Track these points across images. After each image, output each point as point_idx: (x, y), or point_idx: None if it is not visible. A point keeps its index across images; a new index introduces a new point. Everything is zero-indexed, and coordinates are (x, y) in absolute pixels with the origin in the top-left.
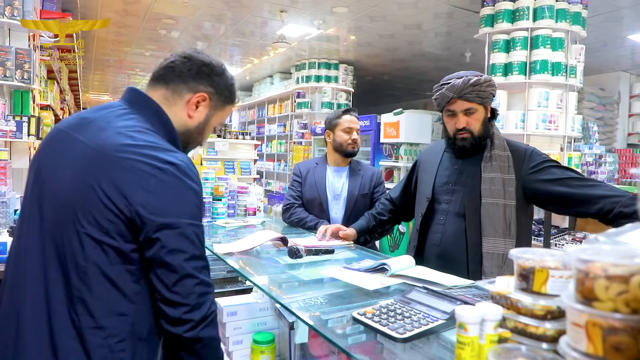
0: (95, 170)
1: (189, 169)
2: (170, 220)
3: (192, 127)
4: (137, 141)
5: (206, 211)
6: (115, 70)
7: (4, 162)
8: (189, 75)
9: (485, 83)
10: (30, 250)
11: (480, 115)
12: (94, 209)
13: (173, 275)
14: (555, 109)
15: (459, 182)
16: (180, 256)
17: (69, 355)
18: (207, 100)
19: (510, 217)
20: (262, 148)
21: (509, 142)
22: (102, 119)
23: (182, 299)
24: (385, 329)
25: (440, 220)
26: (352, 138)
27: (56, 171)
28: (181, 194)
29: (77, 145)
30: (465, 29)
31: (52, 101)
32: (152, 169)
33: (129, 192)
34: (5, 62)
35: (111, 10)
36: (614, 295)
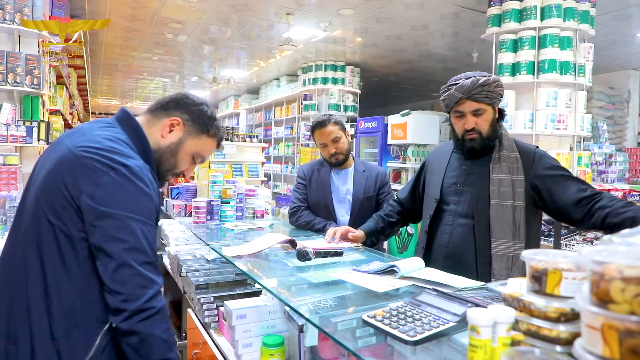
0: (63, 166)
1: (141, 173)
2: (113, 210)
3: (164, 147)
4: (103, 146)
5: (214, 214)
6: (123, 75)
7: (14, 167)
8: (170, 106)
9: (494, 83)
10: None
11: (488, 115)
12: (53, 196)
13: (112, 262)
14: (564, 109)
15: (467, 183)
16: (120, 245)
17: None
18: (181, 125)
19: (520, 218)
20: (269, 151)
21: (517, 143)
22: (89, 128)
23: (119, 287)
24: (396, 331)
25: (448, 221)
26: (330, 152)
27: (42, 169)
28: (129, 192)
29: (62, 147)
30: (472, 29)
31: (61, 106)
32: (107, 168)
33: (82, 185)
34: (16, 68)
35: (119, 15)
36: (630, 297)
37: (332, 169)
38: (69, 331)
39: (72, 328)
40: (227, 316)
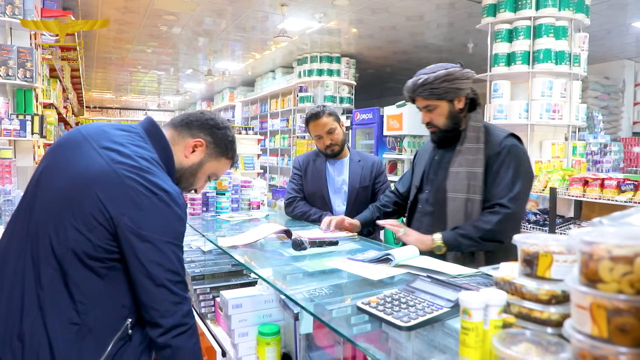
0: (101, 182)
1: (178, 198)
2: (153, 235)
3: (185, 167)
4: (143, 166)
5: (210, 205)
6: (117, 68)
7: (8, 160)
8: (195, 125)
9: (437, 80)
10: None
11: (442, 110)
12: (87, 209)
13: (150, 282)
14: (559, 98)
15: (435, 173)
16: (157, 267)
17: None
18: (204, 147)
19: (473, 211)
20: (265, 143)
21: (490, 132)
22: (121, 138)
23: (157, 304)
24: (390, 317)
25: (419, 209)
26: (325, 144)
27: (63, 170)
28: (167, 217)
29: (90, 154)
30: (468, 20)
31: (55, 100)
32: (149, 193)
33: (124, 206)
34: (8, 61)
35: (112, 7)
36: (618, 276)
37: (328, 160)
38: (81, 335)
39: (85, 332)
40: (223, 306)
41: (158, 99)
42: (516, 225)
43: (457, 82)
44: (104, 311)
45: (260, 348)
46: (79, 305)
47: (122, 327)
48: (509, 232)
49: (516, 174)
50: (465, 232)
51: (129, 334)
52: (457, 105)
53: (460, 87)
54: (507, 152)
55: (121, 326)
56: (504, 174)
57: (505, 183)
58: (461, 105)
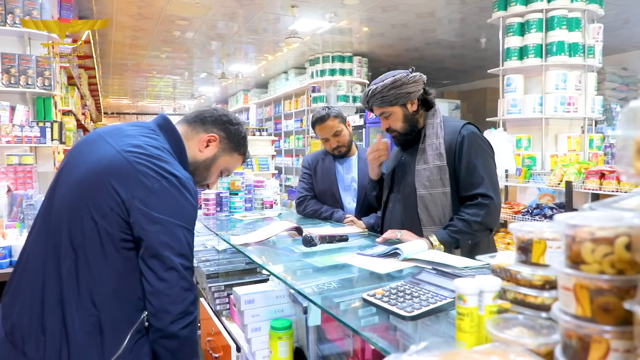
0: (113, 169)
1: (188, 184)
2: (164, 217)
3: (200, 161)
4: (153, 154)
5: (224, 205)
6: (133, 74)
7: (29, 166)
8: (209, 121)
9: (385, 88)
10: (36, 236)
11: (397, 115)
12: (101, 197)
13: (161, 265)
14: (574, 91)
15: (402, 172)
16: (169, 250)
17: (49, 324)
18: (217, 142)
19: (445, 204)
20: (279, 144)
21: (446, 124)
22: (132, 131)
23: (167, 289)
24: (394, 308)
25: (390, 208)
26: (332, 146)
27: (79, 165)
28: (177, 200)
29: (105, 147)
30: (479, 14)
31: (73, 107)
32: (159, 176)
33: (135, 190)
34: (27, 70)
35: (126, 14)
36: (599, 257)
37: (336, 159)
38: (99, 327)
39: (102, 325)
40: (236, 302)
41: (174, 103)
42: (499, 210)
43: (405, 87)
44: (121, 303)
45: (273, 342)
46: (96, 297)
47: (138, 320)
48: (496, 219)
49: (483, 160)
50: (457, 229)
51: (145, 327)
52: (410, 108)
53: (409, 91)
54: (468, 141)
55: (137, 319)
56: (473, 162)
57: (477, 171)
58: (414, 108)
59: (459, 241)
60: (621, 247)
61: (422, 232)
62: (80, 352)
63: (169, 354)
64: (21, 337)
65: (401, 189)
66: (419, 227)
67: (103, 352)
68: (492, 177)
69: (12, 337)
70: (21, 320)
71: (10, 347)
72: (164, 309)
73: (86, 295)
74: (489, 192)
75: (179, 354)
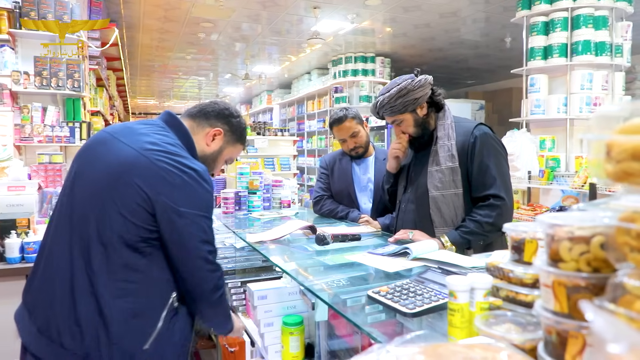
0: (135, 168)
1: (205, 175)
2: (189, 210)
3: (207, 154)
4: (170, 150)
5: (242, 204)
6: (160, 75)
7: (59, 165)
8: (212, 115)
9: (392, 99)
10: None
11: (408, 121)
12: (127, 194)
13: (189, 254)
14: (600, 91)
15: (416, 173)
16: (196, 240)
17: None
18: (222, 135)
19: (458, 205)
20: (302, 144)
21: (458, 125)
22: (145, 130)
23: (196, 273)
24: (397, 305)
25: (403, 208)
26: (349, 147)
27: (95, 165)
28: (198, 192)
29: (119, 145)
30: (503, 14)
31: (101, 107)
32: (180, 172)
33: (160, 186)
34: (58, 73)
35: (153, 17)
36: (576, 255)
37: (353, 159)
38: (134, 312)
39: (137, 310)
40: (250, 297)
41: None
42: (511, 211)
43: (412, 94)
44: (152, 287)
45: (285, 337)
46: (130, 284)
47: (169, 302)
48: (508, 220)
49: (496, 161)
50: (469, 230)
51: (175, 308)
52: (420, 113)
53: (416, 97)
54: (480, 141)
55: (168, 301)
56: (485, 163)
57: (490, 172)
58: (424, 112)
59: (470, 242)
60: (597, 246)
61: (434, 233)
62: (121, 338)
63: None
64: (57, 331)
65: (414, 189)
66: (432, 228)
67: (140, 335)
68: (505, 177)
69: (48, 332)
70: (54, 314)
71: (47, 341)
72: (195, 290)
73: (119, 285)
74: (501, 192)
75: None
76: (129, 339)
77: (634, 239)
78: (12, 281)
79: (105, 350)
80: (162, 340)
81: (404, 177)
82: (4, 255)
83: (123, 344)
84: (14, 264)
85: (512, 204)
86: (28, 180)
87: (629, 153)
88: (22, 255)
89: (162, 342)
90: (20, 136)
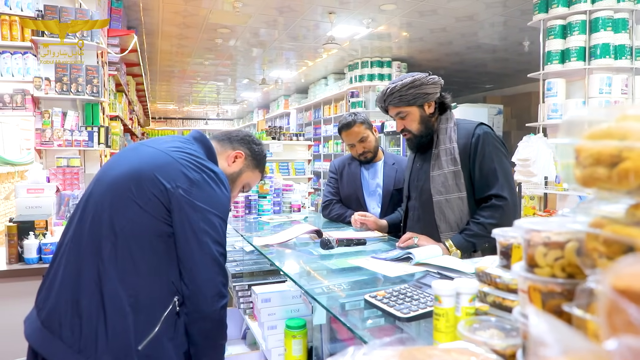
0: (157, 163)
1: (224, 178)
2: (204, 206)
3: (228, 174)
4: (192, 153)
5: (252, 208)
6: (179, 80)
7: (76, 168)
8: (235, 139)
9: (404, 87)
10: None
11: (414, 116)
12: (147, 186)
13: (200, 250)
14: (620, 95)
15: (419, 179)
16: (208, 237)
17: (85, 307)
18: (243, 158)
19: (462, 207)
20: (319, 149)
21: (459, 127)
22: (171, 139)
23: (203, 272)
24: (392, 309)
25: (410, 216)
26: (358, 152)
27: (117, 166)
28: (216, 192)
29: (143, 148)
30: (521, 17)
31: (120, 112)
32: (199, 170)
33: (179, 180)
34: (77, 79)
35: (171, 24)
36: (551, 261)
37: (362, 164)
38: (135, 309)
39: (138, 306)
40: (254, 300)
41: (217, 108)
42: (516, 210)
43: (424, 87)
44: (156, 286)
45: (288, 341)
46: (134, 279)
47: (170, 304)
48: (512, 220)
49: (498, 160)
50: (473, 232)
51: (177, 312)
52: (427, 110)
53: (427, 92)
54: (482, 141)
55: (170, 302)
56: (486, 163)
57: (491, 171)
58: (431, 110)
59: (475, 245)
60: (571, 251)
61: (440, 239)
62: (116, 333)
63: (201, 335)
64: (58, 323)
65: (418, 196)
66: (438, 234)
67: (136, 334)
68: (507, 176)
69: (49, 324)
70: (58, 306)
71: (46, 333)
72: (199, 291)
73: (124, 276)
74: (503, 192)
75: (211, 334)
76: (124, 336)
77: (602, 245)
78: (30, 281)
79: (101, 346)
80: (158, 345)
81: (407, 186)
82: (23, 256)
83: (118, 341)
84: (32, 264)
85: (515, 203)
86: (47, 183)
87: (594, 158)
88: (40, 256)
89: (158, 347)
90: (41, 140)
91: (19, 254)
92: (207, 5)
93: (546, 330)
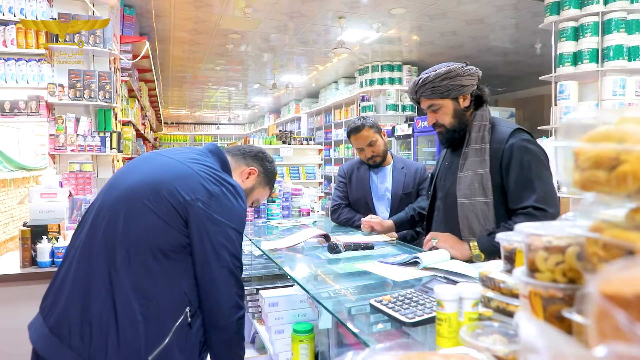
0: (176, 175)
1: (242, 192)
2: (222, 220)
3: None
4: (211, 165)
5: (261, 212)
6: (190, 86)
7: (89, 173)
8: (249, 155)
9: (438, 78)
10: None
11: (447, 109)
12: (165, 196)
13: (217, 263)
14: (634, 97)
15: (445, 179)
16: (225, 250)
17: (96, 314)
18: (256, 175)
19: (486, 214)
20: (329, 153)
21: (495, 128)
22: (187, 150)
23: (220, 285)
24: (397, 314)
25: (435, 216)
26: (367, 156)
27: (132, 174)
28: (234, 206)
29: (161, 159)
30: (532, 20)
31: (132, 117)
32: (219, 184)
33: (198, 192)
34: (90, 85)
35: (183, 30)
36: (552, 265)
37: (371, 168)
38: (146, 318)
39: (149, 316)
40: (262, 304)
41: (229, 113)
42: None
43: (459, 79)
44: (167, 296)
45: (295, 345)
46: (147, 287)
47: (182, 314)
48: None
49: (535, 170)
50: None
51: (188, 322)
52: (462, 103)
53: (463, 84)
54: (518, 150)
55: (182, 313)
56: (523, 173)
57: (528, 183)
58: (466, 104)
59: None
60: (572, 256)
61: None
62: (127, 342)
63: (219, 345)
64: (67, 329)
65: (443, 198)
66: (460, 238)
67: (147, 343)
68: (547, 187)
69: (58, 330)
70: (67, 312)
71: (55, 340)
72: (216, 303)
73: (137, 284)
74: (543, 204)
75: (228, 345)
76: (135, 346)
77: (602, 250)
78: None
79: (111, 355)
80: (168, 356)
81: (440, 186)
82: (36, 259)
83: (128, 350)
84: (45, 268)
85: (557, 216)
86: (59, 187)
87: (593, 161)
88: (53, 260)
89: (168, 359)
90: (54, 145)
91: (32, 257)
92: (218, 11)
93: (536, 336)
